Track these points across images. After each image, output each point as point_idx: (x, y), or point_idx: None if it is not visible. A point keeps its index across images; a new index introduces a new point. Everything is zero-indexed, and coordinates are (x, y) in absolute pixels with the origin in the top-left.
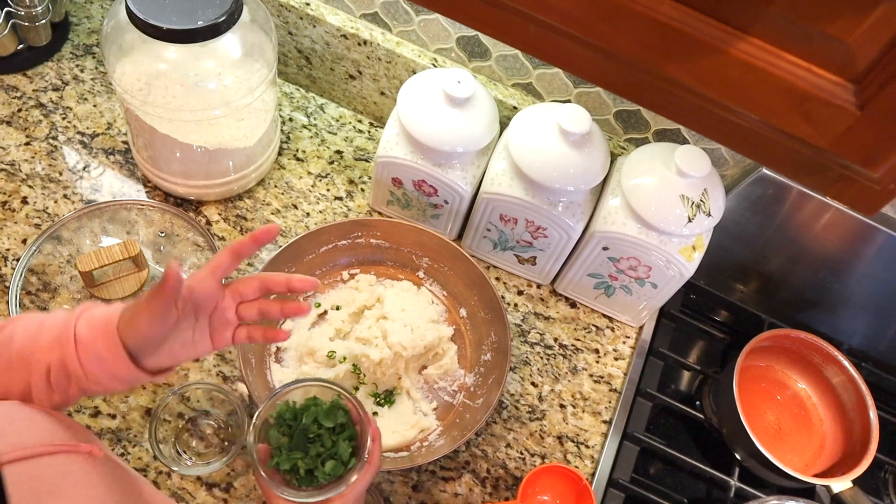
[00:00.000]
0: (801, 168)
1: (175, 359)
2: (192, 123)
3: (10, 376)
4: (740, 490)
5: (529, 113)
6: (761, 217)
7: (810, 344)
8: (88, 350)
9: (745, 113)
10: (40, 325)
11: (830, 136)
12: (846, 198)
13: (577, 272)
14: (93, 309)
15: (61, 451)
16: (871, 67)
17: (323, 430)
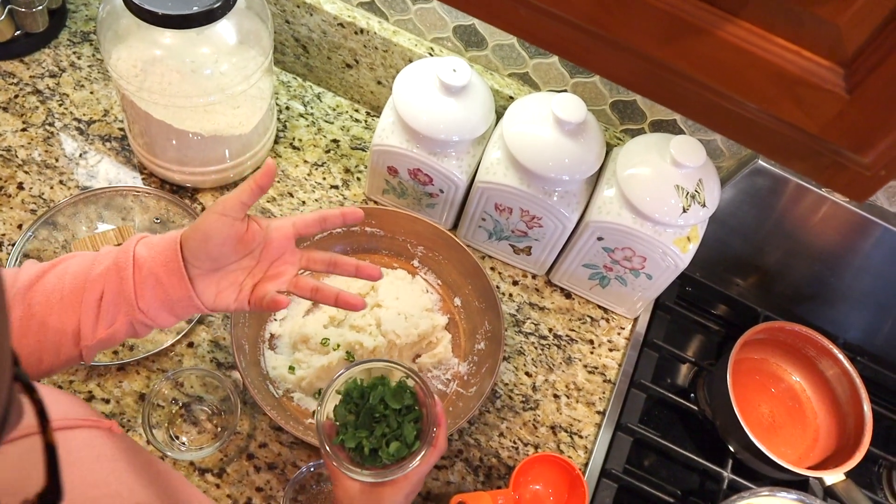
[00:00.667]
0: (792, 154)
1: (220, 296)
2: (187, 110)
3: (63, 312)
4: (733, 482)
5: (525, 102)
6: (758, 209)
7: (805, 336)
8: (146, 270)
9: (736, 97)
10: (94, 257)
11: (821, 120)
12: (838, 184)
13: (572, 262)
14: (150, 237)
15: (84, 425)
16: (861, 51)
17: (389, 411)
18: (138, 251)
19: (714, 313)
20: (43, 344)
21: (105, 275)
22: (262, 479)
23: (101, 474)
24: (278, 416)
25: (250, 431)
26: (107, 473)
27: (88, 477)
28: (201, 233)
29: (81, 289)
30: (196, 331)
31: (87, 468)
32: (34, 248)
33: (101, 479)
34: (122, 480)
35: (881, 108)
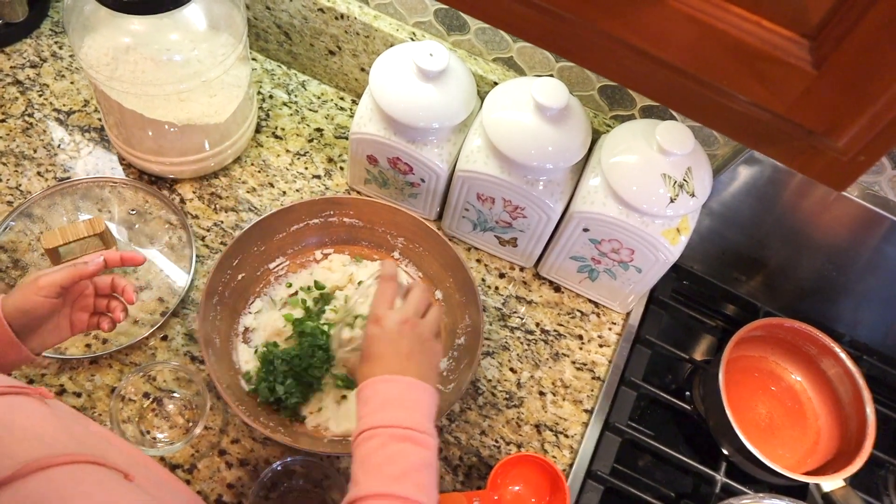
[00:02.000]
0: (761, 137)
1: (44, 343)
2: (159, 99)
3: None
4: (727, 486)
5: (505, 87)
6: (757, 201)
7: (805, 334)
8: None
9: (694, 74)
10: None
11: (787, 99)
12: (813, 170)
13: (559, 255)
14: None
15: (11, 392)
16: (827, 20)
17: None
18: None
19: (713, 309)
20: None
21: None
22: (233, 476)
23: (30, 431)
24: (247, 413)
25: (222, 427)
26: (36, 430)
27: (16, 433)
28: (21, 312)
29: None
30: (170, 323)
31: (17, 427)
32: (9, 241)
33: (30, 436)
34: (54, 436)
35: (852, 84)
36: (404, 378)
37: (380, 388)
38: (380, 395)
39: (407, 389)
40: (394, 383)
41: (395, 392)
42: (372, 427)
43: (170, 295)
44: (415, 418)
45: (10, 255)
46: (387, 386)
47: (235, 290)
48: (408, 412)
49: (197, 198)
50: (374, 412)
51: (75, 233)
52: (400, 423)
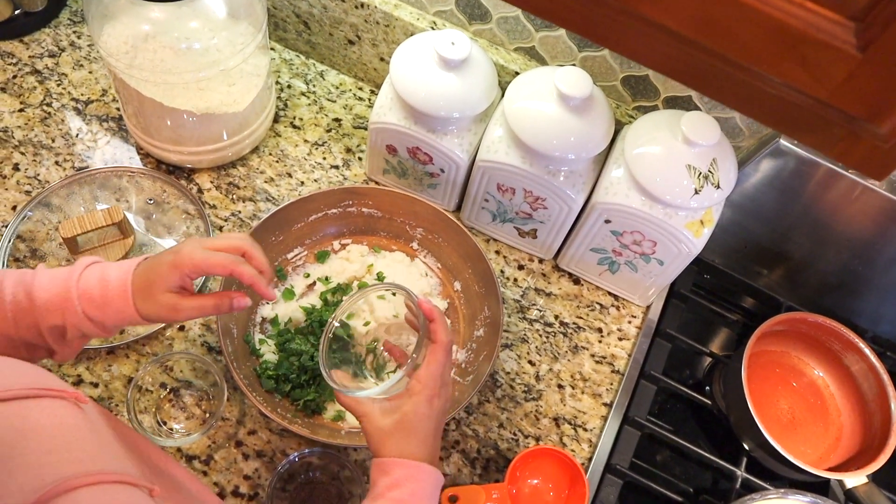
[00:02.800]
0: (800, 124)
1: (159, 319)
2: (178, 87)
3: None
4: (747, 481)
5: (528, 77)
6: (780, 193)
7: (829, 329)
8: (100, 309)
9: (732, 58)
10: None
11: (830, 84)
12: (852, 159)
13: (579, 247)
14: (92, 273)
15: (47, 395)
16: (875, 2)
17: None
18: (85, 293)
19: (734, 303)
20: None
21: (51, 311)
22: (249, 468)
23: (60, 441)
24: (264, 404)
25: (239, 418)
26: (67, 441)
27: (46, 443)
28: (147, 281)
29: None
30: None
31: (47, 435)
32: (27, 230)
33: (59, 446)
34: (84, 448)
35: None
36: (437, 473)
37: (416, 475)
38: (413, 484)
39: (434, 488)
40: (429, 476)
41: (427, 488)
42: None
43: None
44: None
45: (28, 245)
46: (423, 478)
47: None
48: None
49: (214, 187)
50: (406, 499)
51: (93, 222)
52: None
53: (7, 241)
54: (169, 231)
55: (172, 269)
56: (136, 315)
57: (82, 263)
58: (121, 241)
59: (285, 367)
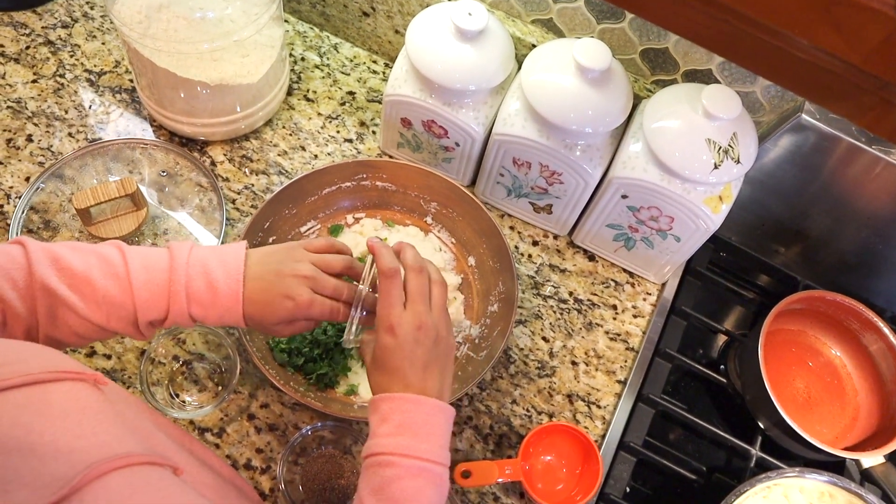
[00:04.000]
0: (829, 91)
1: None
2: (192, 58)
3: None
4: (762, 460)
5: (545, 49)
6: (800, 169)
7: (847, 308)
8: (205, 310)
9: (762, 22)
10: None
11: (864, 48)
12: (884, 128)
13: (595, 222)
14: (198, 273)
15: (67, 378)
16: None
17: None
18: (195, 301)
19: (750, 281)
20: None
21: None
22: (262, 441)
23: (86, 426)
24: (277, 378)
25: (252, 391)
26: (93, 424)
27: (73, 429)
28: (261, 309)
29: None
30: None
31: (73, 420)
32: (41, 202)
33: (86, 430)
34: (109, 431)
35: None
36: (426, 400)
37: (400, 406)
38: (398, 414)
39: (428, 414)
40: (415, 405)
41: (416, 417)
42: (389, 453)
43: None
44: (433, 449)
45: (41, 216)
46: (407, 407)
47: None
48: (427, 442)
49: (228, 160)
50: (392, 434)
51: (106, 193)
52: (419, 454)
53: (21, 213)
54: (182, 204)
55: (288, 313)
56: (241, 323)
57: (182, 255)
58: (134, 212)
59: (298, 341)
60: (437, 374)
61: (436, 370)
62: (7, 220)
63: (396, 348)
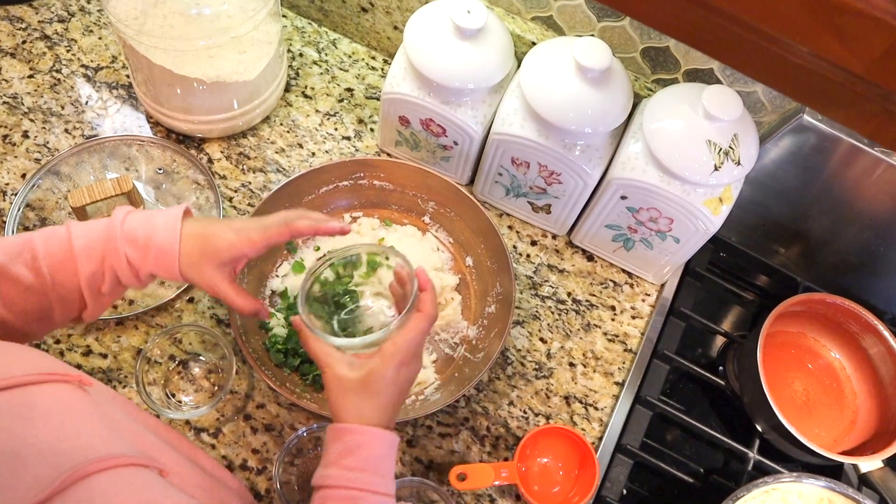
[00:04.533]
0: (832, 100)
1: (195, 285)
2: (189, 54)
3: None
4: (759, 463)
5: (545, 48)
6: (801, 170)
7: (847, 310)
8: (141, 253)
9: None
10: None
11: (867, 57)
12: (886, 137)
13: (594, 223)
14: (136, 218)
15: (51, 380)
16: None
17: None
18: (132, 257)
19: (750, 282)
20: (53, 302)
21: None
22: (258, 441)
23: (70, 428)
24: (273, 378)
25: (248, 391)
26: (77, 426)
27: (56, 431)
28: (199, 248)
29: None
30: None
31: (56, 422)
32: (37, 199)
33: (70, 433)
34: (94, 432)
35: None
36: (390, 436)
37: (370, 442)
38: (367, 450)
39: (390, 450)
40: (383, 441)
41: (381, 452)
42: (355, 488)
43: None
44: (389, 484)
45: (37, 214)
46: (377, 444)
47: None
48: (386, 478)
49: (224, 157)
50: (356, 469)
51: (103, 191)
52: (384, 490)
53: (17, 210)
54: (178, 201)
55: (230, 248)
56: (177, 272)
57: (123, 210)
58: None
59: (294, 342)
60: (398, 408)
61: (400, 404)
62: (3, 217)
63: (395, 384)
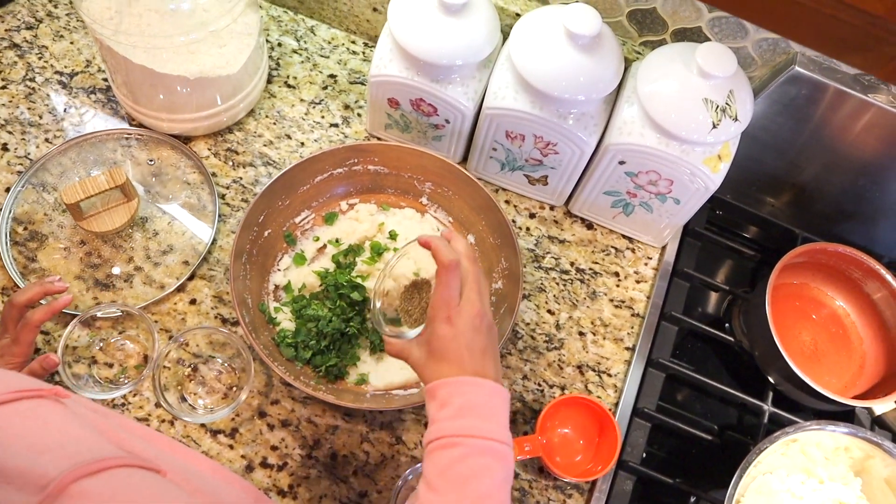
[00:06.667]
0: (847, 44)
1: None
2: (169, 52)
3: None
4: (774, 415)
5: (533, 17)
6: (794, 122)
7: (849, 258)
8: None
9: None
10: None
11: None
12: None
13: (592, 190)
14: None
15: (23, 397)
16: None
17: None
18: None
19: (747, 237)
20: None
21: None
22: (276, 438)
23: (51, 439)
24: (287, 373)
25: (261, 388)
26: (58, 437)
27: (37, 445)
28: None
29: None
30: (198, 286)
31: (34, 437)
32: (24, 213)
33: (51, 444)
34: (78, 440)
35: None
36: (486, 382)
37: (459, 390)
38: (459, 398)
39: (489, 396)
40: (475, 388)
41: (478, 398)
42: (454, 435)
43: (194, 256)
44: (496, 429)
45: (26, 228)
46: (468, 389)
47: (263, 248)
48: (490, 422)
49: (213, 154)
50: (454, 417)
51: (96, 186)
52: (483, 433)
53: (5, 224)
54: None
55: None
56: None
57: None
58: (125, 203)
59: (303, 334)
60: (492, 359)
61: (491, 355)
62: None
63: (456, 337)
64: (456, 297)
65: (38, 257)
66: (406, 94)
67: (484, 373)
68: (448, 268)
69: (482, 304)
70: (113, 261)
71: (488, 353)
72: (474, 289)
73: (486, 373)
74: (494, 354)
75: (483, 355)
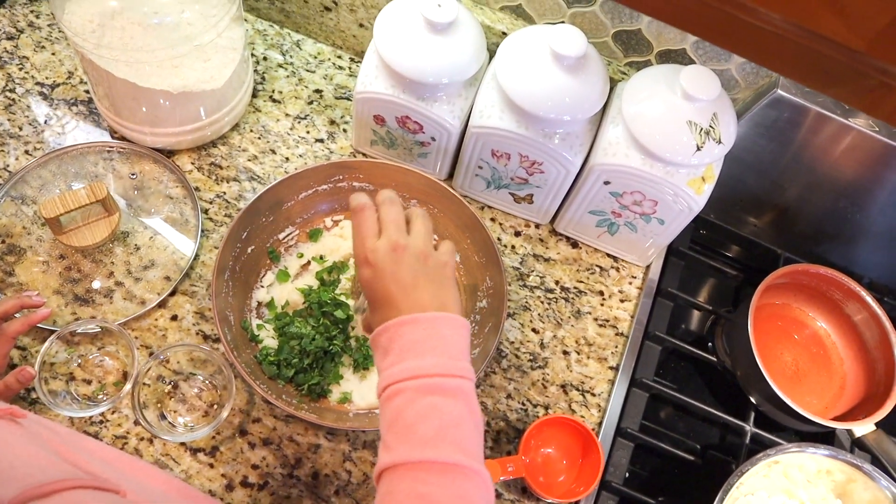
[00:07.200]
0: (829, 77)
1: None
2: (152, 66)
3: None
4: (756, 435)
5: (519, 37)
6: (776, 143)
7: (830, 279)
8: None
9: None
10: None
11: (868, 33)
12: (883, 110)
13: (577, 210)
14: None
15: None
16: None
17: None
18: None
19: (730, 257)
20: None
21: None
22: (257, 456)
23: (3, 461)
24: (268, 391)
25: (242, 406)
26: (10, 458)
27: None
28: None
29: None
30: (179, 302)
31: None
32: (2, 226)
33: (3, 465)
34: (32, 461)
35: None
36: (422, 315)
37: (397, 332)
38: (397, 340)
39: (428, 328)
40: (411, 325)
41: (415, 335)
42: (395, 381)
43: (176, 272)
44: (441, 362)
45: (4, 241)
46: (405, 330)
47: (246, 264)
48: (432, 356)
49: (196, 169)
50: (395, 363)
51: (76, 200)
52: (425, 371)
53: None
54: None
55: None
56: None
57: None
58: (106, 218)
59: (286, 352)
60: (428, 288)
61: (425, 283)
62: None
63: (377, 275)
64: (370, 237)
65: (15, 271)
66: (392, 112)
67: (421, 306)
68: (355, 210)
69: (404, 238)
70: (93, 275)
71: (420, 282)
72: (391, 227)
73: (422, 304)
74: (432, 282)
75: (414, 287)
